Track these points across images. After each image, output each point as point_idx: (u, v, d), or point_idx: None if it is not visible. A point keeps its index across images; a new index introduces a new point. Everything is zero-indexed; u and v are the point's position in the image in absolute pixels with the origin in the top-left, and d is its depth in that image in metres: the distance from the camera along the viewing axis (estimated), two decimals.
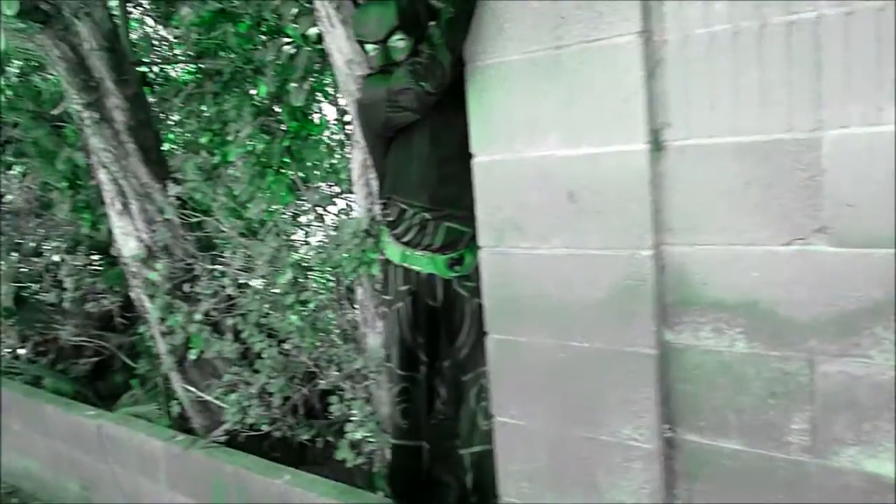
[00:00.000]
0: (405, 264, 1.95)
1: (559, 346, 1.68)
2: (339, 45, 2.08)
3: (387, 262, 2.02)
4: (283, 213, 2.52)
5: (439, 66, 1.72)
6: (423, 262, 1.94)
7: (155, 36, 4.22)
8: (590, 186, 1.58)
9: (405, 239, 1.94)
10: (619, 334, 1.58)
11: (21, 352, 4.43)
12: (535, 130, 1.64)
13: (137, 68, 3.28)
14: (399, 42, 1.81)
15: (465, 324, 1.95)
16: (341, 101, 2.54)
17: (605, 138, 1.54)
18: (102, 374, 4.23)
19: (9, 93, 4.07)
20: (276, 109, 2.59)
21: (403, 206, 1.92)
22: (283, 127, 2.53)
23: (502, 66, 1.67)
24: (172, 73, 4.07)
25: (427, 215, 1.90)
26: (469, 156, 1.77)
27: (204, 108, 2.82)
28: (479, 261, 1.81)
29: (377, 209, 2.23)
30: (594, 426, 1.66)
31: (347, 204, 2.57)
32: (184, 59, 3.77)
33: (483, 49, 1.69)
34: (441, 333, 1.99)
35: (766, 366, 1.46)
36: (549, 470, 1.76)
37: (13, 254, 4.30)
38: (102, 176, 3.04)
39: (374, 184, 2.19)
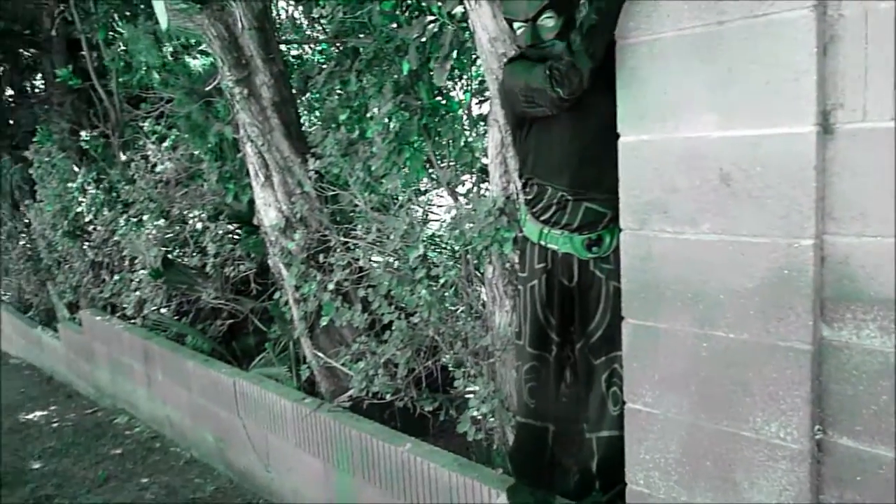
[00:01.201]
0: (542, 242, 1.95)
1: (702, 335, 1.62)
2: (483, 22, 2.09)
3: (524, 239, 2.02)
4: (418, 190, 2.57)
5: (577, 73, 1.68)
6: (561, 242, 1.92)
7: (291, 18, 4.42)
8: (747, 170, 1.50)
9: (543, 217, 1.93)
10: (771, 327, 1.51)
11: (164, 311, 4.83)
12: (689, 110, 1.58)
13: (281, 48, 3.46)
14: (548, 21, 1.79)
15: (600, 306, 1.92)
16: (482, 79, 2.55)
17: (768, 119, 1.46)
18: (236, 335, 4.53)
19: (164, 71, 4.41)
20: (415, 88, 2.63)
21: (544, 186, 1.92)
22: (421, 104, 2.58)
23: (656, 42, 1.61)
24: (307, 54, 4.25)
25: (567, 195, 1.89)
26: (612, 138, 1.73)
27: (344, 85, 2.92)
28: (619, 243, 1.78)
29: (512, 188, 2.24)
30: (736, 421, 1.59)
31: (480, 182, 2.58)
32: (323, 38, 3.93)
33: (636, 25, 1.64)
34: (574, 315, 1.98)
35: None
36: (682, 461, 1.71)
37: (161, 220, 4.67)
38: (248, 149, 3.24)
39: (511, 162, 2.19)
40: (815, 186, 1.42)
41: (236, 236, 4.55)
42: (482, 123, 2.78)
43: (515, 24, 1.86)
